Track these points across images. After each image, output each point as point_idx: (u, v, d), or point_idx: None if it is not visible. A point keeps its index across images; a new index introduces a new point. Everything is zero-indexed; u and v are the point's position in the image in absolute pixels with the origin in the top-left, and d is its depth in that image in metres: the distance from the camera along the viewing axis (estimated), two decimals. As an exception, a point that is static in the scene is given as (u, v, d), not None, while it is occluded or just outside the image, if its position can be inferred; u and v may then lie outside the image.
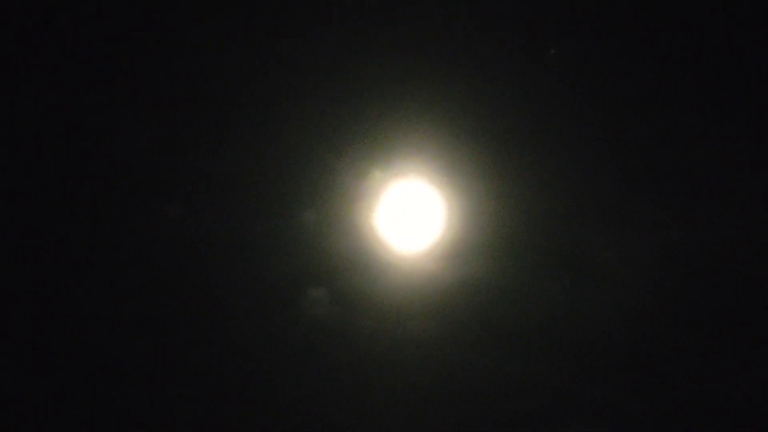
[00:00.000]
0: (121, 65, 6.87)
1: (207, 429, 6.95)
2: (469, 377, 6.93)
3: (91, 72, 6.84)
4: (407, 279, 6.89)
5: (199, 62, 6.84)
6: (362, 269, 6.95)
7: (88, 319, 7.01)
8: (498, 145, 6.80)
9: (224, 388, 6.96)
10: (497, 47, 6.50)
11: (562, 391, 6.90)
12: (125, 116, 6.86)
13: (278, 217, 6.91)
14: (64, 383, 7.02)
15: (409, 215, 6.92)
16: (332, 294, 6.94)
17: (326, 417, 6.98)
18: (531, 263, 6.84)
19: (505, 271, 6.85)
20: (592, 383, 6.87)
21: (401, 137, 6.78)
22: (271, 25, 6.79)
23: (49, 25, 6.65)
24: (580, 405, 6.85)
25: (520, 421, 6.88)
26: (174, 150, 6.91)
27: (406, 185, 6.86)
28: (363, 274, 6.94)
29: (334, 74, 6.78)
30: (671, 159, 6.70)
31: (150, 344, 7.00)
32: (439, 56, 6.69)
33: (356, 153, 6.81)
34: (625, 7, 6.56)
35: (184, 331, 6.98)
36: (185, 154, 6.89)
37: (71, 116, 6.85)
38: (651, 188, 6.78)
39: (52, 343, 6.99)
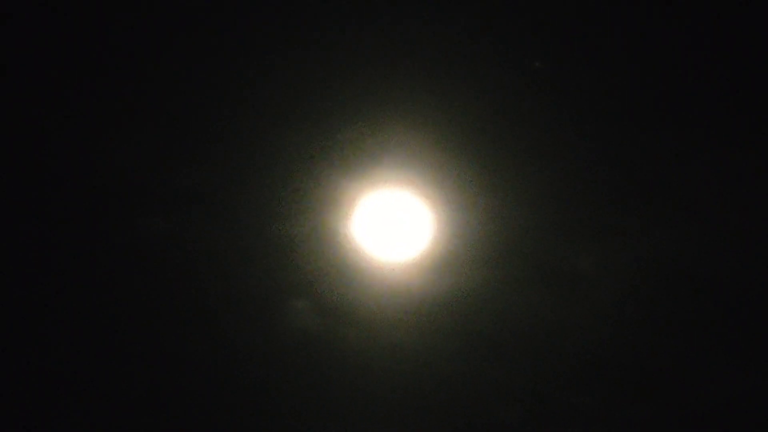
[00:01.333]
0: (101, 75, 6.76)
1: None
2: (453, 385, 6.97)
3: (71, 80, 6.75)
4: (392, 290, 6.89)
5: (177, 74, 6.83)
6: (345, 280, 6.90)
7: (66, 334, 6.96)
8: (484, 155, 6.83)
9: (207, 401, 6.92)
10: (486, 56, 6.52)
11: (545, 398, 6.96)
12: (102, 128, 6.74)
13: (259, 228, 6.85)
14: (37, 397, 7.03)
15: (394, 226, 6.93)
16: (316, 305, 6.87)
17: (310, 429, 6.98)
18: (514, 274, 6.89)
19: (489, 281, 6.90)
20: (574, 391, 6.94)
21: (385, 143, 6.78)
22: (249, 33, 6.71)
23: (24, 31, 6.60)
24: (563, 412, 6.92)
25: (504, 428, 6.92)
26: (151, 162, 6.91)
27: (389, 194, 6.87)
28: (347, 285, 6.91)
29: (313, 79, 6.75)
30: (651, 169, 6.77)
31: (131, 357, 6.92)
32: (426, 59, 6.67)
33: (338, 160, 6.79)
34: (606, 22, 6.62)
35: (164, 345, 6.92)
36: (163, 166, 6.89)
37: (48, 126, 6.70)
38: (631, 199, 6.85)
39: (28, 357, 6.97)
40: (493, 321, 6.96)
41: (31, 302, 6.84)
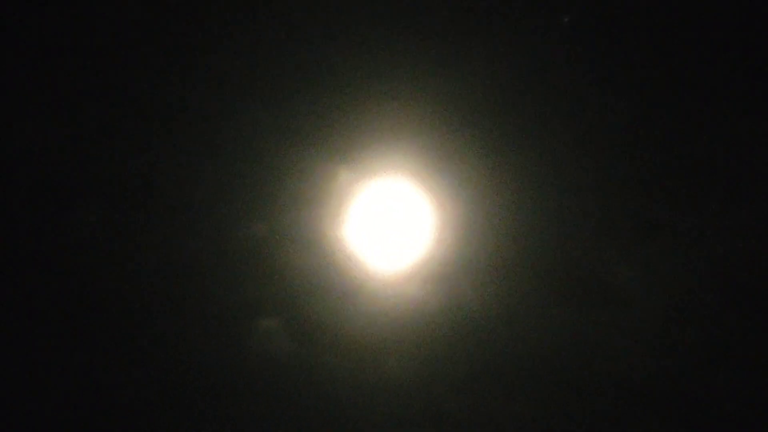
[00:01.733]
0: (38, 61, 5.87)
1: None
2: (460, 425, 5.52)
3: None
4: (383, 306, 5.54)
5: (119, 42, 5.90)
6: (327, 294, 5.58)
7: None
8: (494, 140, 5.54)
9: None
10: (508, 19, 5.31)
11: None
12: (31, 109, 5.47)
13: (223, 230, 5.77)
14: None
15: (386, 226, 5.67)
16: (290, 325, 5.68)
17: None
18: (534, 287, 5.57)
19: (502, 295, 5.59)
20: (607, 429, 5.51)
21: (377, 128, 5.50)
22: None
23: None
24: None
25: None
26: (94, 151, 5.84)
27: (382, 189, 5.59)
28: (328, 301, 5.48)
29: (287, 54, 5.51)
30: (707, 154, 5.46)
31: (60, 388, 5.50)
32: (429, 39, 5.45)
33: (320, 148, 5.49)
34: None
35: (103, 374, 5.52)
36: (94, 152, 5.78)
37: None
38: (679, 189, 5.52)
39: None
40: (508, 344, 5.57)
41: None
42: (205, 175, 5.80)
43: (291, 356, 5.79)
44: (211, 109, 5.78)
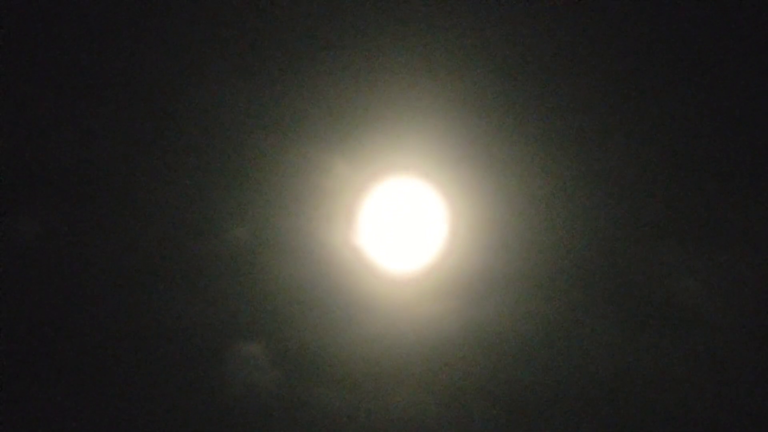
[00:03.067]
0: None
1: None
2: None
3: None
4: (389, 328, 4.55)
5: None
6: (321, 313, 4.76)
7: None
8: (523, 135, 4.75)
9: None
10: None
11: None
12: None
13: (199, 236, 4.86)
14: None
15: (392, 232, 4.74)
16: (272, 351, 4.74)
17: None
18: (574, 302, 4.66)
19: (533, 312, 4.60)
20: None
21: (386, 123, 4.86)
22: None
23: None
24: None
25: None
26: (51, 146, 4.95)
27: (390, 190, 4.86)
28: (321, 321, 4.75)
29: (286, 40, 4.92)
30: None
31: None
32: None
33: (322, 145, 4.84)
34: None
35: (63, 398, 4.73)
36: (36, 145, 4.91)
37: None
38: (756, 185, 4.45)
39: None
40: (544, 376, 4.54)
41: None
42: (187, 173, 4.84)
43: (275, 387, 4.73)
44: (194, 99, 4.83)
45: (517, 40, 4.83)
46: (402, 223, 4.79)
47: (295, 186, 4.82)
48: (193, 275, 4.83)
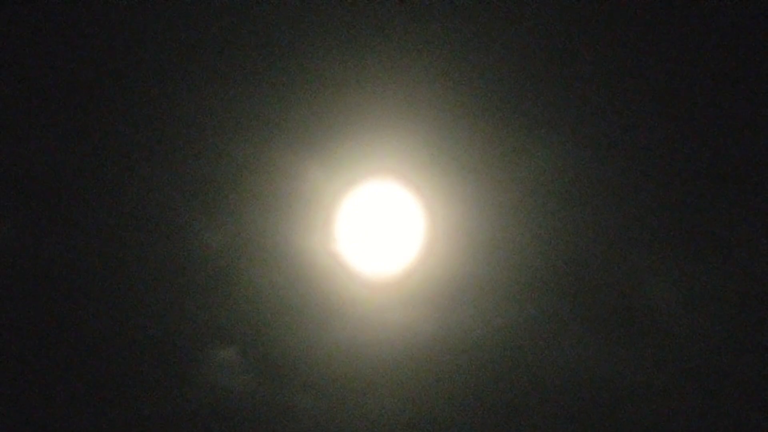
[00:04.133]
0: None
1: None
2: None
3: None
4: (365, 334, 4.51)
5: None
6: (297, 318, 4.70)
7: None
8: (500, 140, 4.63)
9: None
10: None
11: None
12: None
13: (177, 240, 4.77)
14: None
15: (368, 237, 4.69)
16: (248, 356, 4.72)
17: None
18: (548, 309, 4.59)
19: (508, 319, 4.59)
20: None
21: (361, 126, 4.71)
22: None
23: None
24: None
25: None
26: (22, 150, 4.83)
27: (363, 193, 4.81)
28: (298, 327, 4.69)
29: (258, 40, 4.59)
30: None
31: None
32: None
33: (290, 147, 4.76)
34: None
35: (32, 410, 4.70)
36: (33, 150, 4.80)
37: None
38: (731, 191, 4.45)
39: None
40: (519, 383, 4.51)
41: None
42: (163, 178, 4.78)
43: (251, 392, 4.71)
44: (170, 104, 4.76)
45: (497, 44, 4.77)
46: (378, 228, 4.76)
47: (271, 191, 4.78)
48: (168, 280, 4.79)
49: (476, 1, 4.79)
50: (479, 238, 4.73)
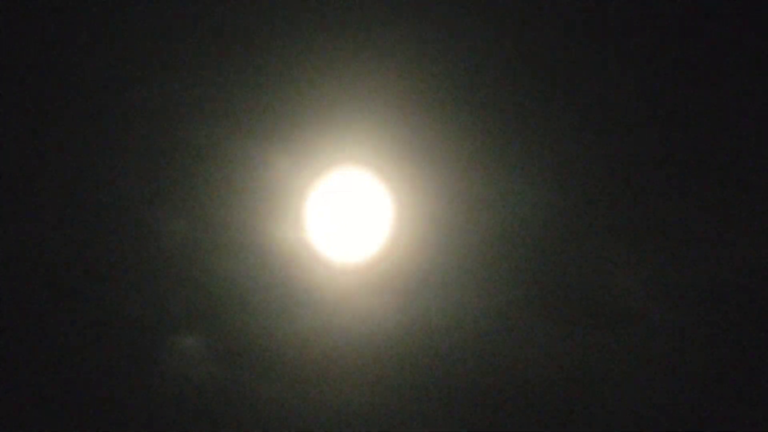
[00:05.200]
0: None
1: None
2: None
3: None
4: (329, 321, 4.53)
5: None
6: (261, 306, 4.69)
7: None
8: (467, 126, 4.57)
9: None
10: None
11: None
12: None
13: (139, 229, 4.75)
14: None
15: (333, 226, 4.70)
16: (211, 344, 4.71)
17: None
18: (511, 298, 4.60)
19: (472, 308, 4.60)
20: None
21: (326, 112, 4.65)
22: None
23: None
24: None
25: None
26: None
27: (329, 181, 4.80)
28: (260, 314, 4.67)
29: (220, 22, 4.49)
30: (729, 142, 4.47)
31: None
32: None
33: (259, 136, 4.74)
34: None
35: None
36: None
37: None
38: (694, 186, 4.46)
39: None
40: (480, 371, 4.54)
41: None
42: (125, 167, 4.76)
43: (214, 381, 4.71)
44: (133, 91, 4.74)
45: (468, 31, 4.80)
46: (344, 217, 4.76)
47: (236, 179, 4.77)
48: (130, 268, 4.78)
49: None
50: (446, 227, 4.75)
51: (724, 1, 4.78)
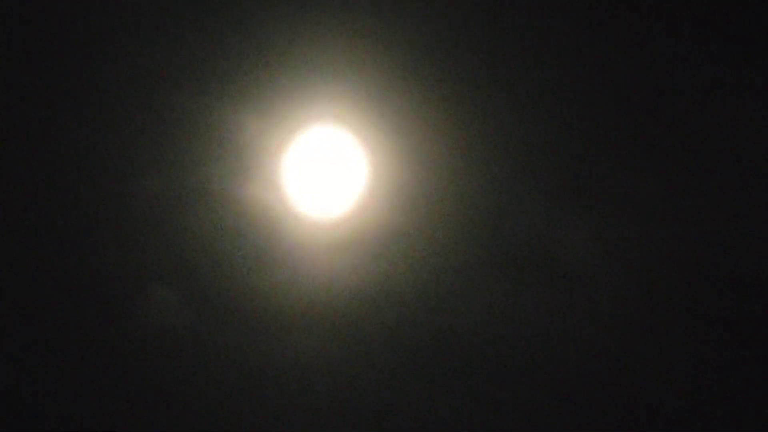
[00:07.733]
0: None
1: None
2: (383, 419, 4.72)
3: None
4: (297, 276, 4.72)
5: None
6: (232, 260, 4.88)
7: None
8: (434, 90, 4.75)
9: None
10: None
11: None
12: None
13: (114, 185, 4.88)
14: None
15: (306, 183, 4.74)
16: (184, 294, 4.86)
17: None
18: (472, 257, 4.82)
19: (438, 269, 4.77)
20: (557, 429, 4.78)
21: (298, 69, 4.73)
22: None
23: None
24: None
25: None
26: None
27: (303, 140, 4.75)
28: (231, 267, 4.85)
29: None
30: (682, 109, 4.74)
31: None
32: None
33: (230, 95, 4.86)
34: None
35: None
36: None
37: None
38: (642, 153, 4.78)
39: None
40: (441, 326, 4.81)
41: None
42: (92, 125, 4.87)
43: (187, 330, 4.90)
44: (107, 53, 4.84)
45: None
46: (318, 174, 4.96)
47: (209, 137, 4.93)
48: (104, 220, 4.92)
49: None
50: (411, 190, 4.99)
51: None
